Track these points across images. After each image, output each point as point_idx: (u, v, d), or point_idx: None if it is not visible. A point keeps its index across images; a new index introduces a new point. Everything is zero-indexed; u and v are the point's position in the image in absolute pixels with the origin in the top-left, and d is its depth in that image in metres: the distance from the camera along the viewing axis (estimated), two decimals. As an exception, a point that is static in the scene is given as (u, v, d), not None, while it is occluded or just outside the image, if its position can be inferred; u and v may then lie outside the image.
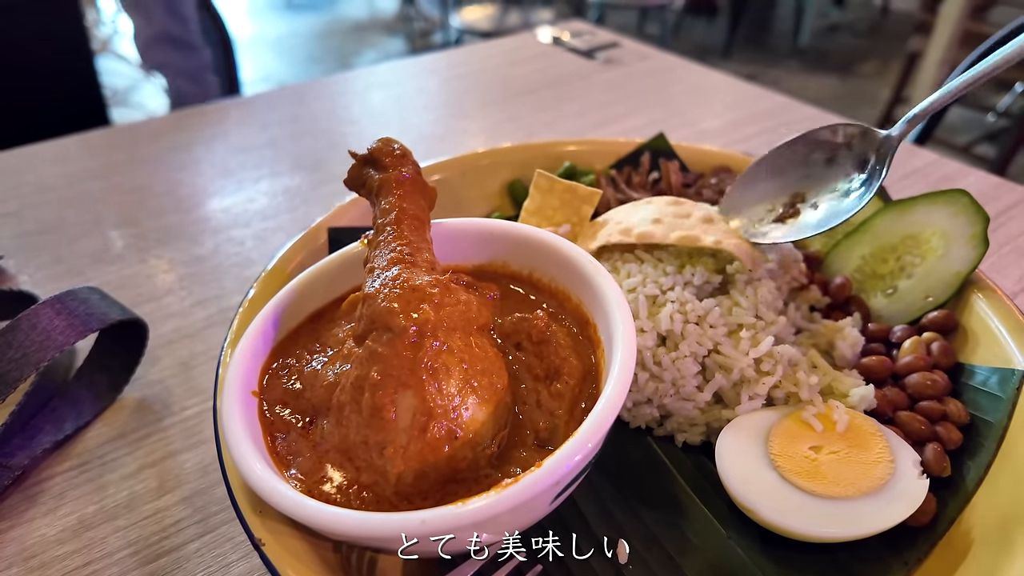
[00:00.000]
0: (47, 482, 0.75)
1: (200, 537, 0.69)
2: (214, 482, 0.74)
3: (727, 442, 0.66)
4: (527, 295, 0.70)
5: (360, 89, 1.76)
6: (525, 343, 0.62)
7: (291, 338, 0.67)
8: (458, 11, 5.20)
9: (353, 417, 0.54)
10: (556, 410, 0.59)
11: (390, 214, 0.65)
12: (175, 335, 0.95)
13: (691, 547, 0.63)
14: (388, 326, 0.54)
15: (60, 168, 1.37)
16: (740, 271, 0.73)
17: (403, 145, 0.68)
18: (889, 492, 0.61)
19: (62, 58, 2.05)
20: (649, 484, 0.68)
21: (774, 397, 0.70)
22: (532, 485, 0.48)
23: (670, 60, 1.84)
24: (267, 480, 0.52)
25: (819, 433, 0.66)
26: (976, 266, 0.76)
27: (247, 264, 1.09)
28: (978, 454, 0.65)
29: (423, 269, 0.60)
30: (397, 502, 0.53)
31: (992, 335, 0.72)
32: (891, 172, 0.92)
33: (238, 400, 0.58)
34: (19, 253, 1.12)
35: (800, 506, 0.61)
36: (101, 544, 0.68)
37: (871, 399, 0.69)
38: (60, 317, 0.74)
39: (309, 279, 0.69)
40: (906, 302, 0.80)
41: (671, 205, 0.79)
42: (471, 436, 0.54)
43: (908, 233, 0.82)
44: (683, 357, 0.70)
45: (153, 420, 0.82)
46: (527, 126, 1.53)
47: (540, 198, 0.78)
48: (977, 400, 0.69)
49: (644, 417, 0.73)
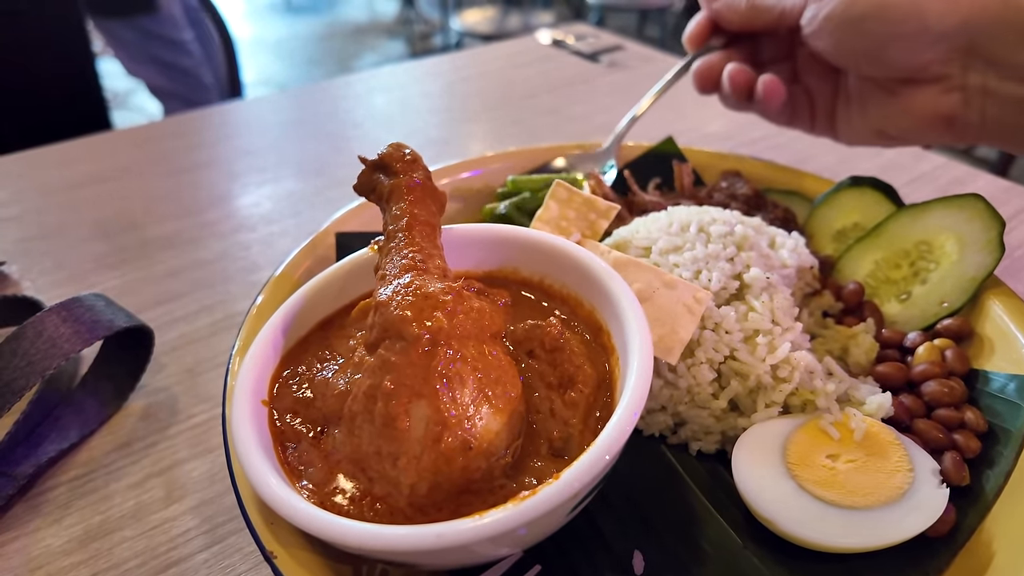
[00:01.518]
0: (52, 492, 0.74)
1: (208, 548, 0.68)
2: (222, 491, 0.73)
3: (743, 451, 0.65)
4: (538, 301, 0.69)
5: (363, 92, 1.75)
6: (538, 351, 0.61)
7: (301, 346, 0.66)
8: (458, 14, 5.20)
9: (365, 427, 0.53)
10: (570, 419, 0.58)
11: (401, 220, 0.64)
12: (181, 341, 0.94)
13: (707, 558, 0.62)
14: (401, 334, 0.53)
15: (63, 172, 1.36)
16: (757, 277, 0.72)
17: (413, 150, 0.68)
18: (908, 502, 0.60)
19: (64, 62, 2.04)
20: (663, 493, 0.67)
21: (791, 405, 0.69)
22: (550, 498, 0.47)
23: (674, 63, 1.83)
24: (280, 492, 0.51)
25: (836, 441, 0.65)
26: (992, 271, 0.76)
27: (253, 269, 1.08)
28: (997, 463, 0.64)
29: (435, 276, 0.59)
30: (411, 514, 0.52)
31: (1009, 341, 0.71)
32: (899, 176, 0.93)
33: (248, 409, 0.57)
34: (21, 258, 1.11)
35: (818, 516, 0.60)
36: (107, 555, 0.67)
37: (888, 407, 0.68)
38: (66, 325, 0.73)
39: (318, 285, 0.69)
40: (921, 308, 0.79)
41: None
42: (486, 446, 0.53)
43: (922, 238, 0.82)
44: (699, 364, 0.69)
45: (159, 428, 0.81)
46: (532, 129, 1.52)
47: (557, 209, 0.76)
48: (995, 407, 0.69)
49: (658, 425, 0.72)
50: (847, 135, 0.94)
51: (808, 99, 0.97)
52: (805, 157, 1.33)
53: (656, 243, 0.77)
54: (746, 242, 0.76)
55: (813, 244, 0.92)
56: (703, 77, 1.00)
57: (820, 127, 0.97)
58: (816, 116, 0.97)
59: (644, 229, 0.80)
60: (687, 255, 0.74)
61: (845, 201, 0.92)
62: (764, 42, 1.01)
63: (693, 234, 0.76)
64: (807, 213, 0.96)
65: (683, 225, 0.78)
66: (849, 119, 0.92)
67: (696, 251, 0.74)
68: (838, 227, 0.92)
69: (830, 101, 0.95)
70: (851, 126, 0.92)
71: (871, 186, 0.90)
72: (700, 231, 0.77)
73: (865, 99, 0.88)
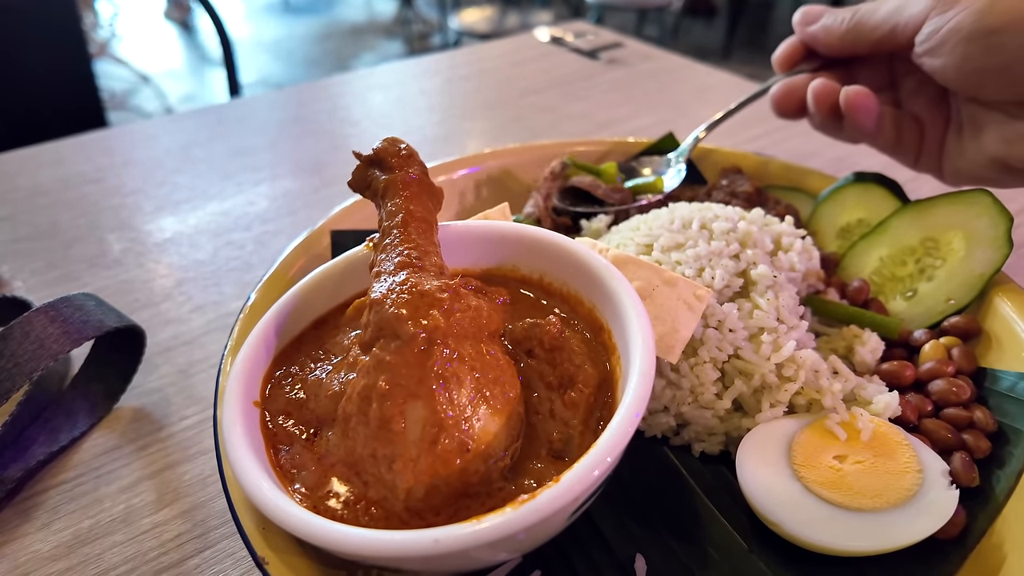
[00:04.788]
0: (40, 495, 0.72)
1: (200, 553, 0.66)
2: (214, 495, 0.72)
3: (748, 452, 0.64)
4: (538, 300, 0.68)
5: (361, 90, 1.74)
6: (537, 350, 0.59)
7: (294, 345, 0.65)
8: (456, 13, 5.19)
9: (360, 429, 0.52)
10: (570, 420, 0.57)
11: (396, 216, 0.62)
12: (173, 342, 0.92)
13: (712, 562, 0.60)
14: (396, 333, 0.52)
15: (55, 171, 1.34)
16: (763, 275, 0.70)
17: (409, 145, 0.66)
18: (917, 504, 0.59)
19: (59, 61, 2.03)
20: (666, 496, 0.66)
21: (796, 405, 0.68)
22: (550, 502, 0.46)
23: (674, 60, 1.82)
24: (271, 497, 0.49)
25: (843, 442, 0.63)
26: (999, 268, 0.74)
27: (247, 268, 1.07)
28: (1007, 463, 0.63)
29: (432, 274, 0.58)
30: (408, 518, 0.51)
31: (1018, 339, 0.70)
32: (903, 171, 0.91)
33: (239, 411, 0.56)
34: (13, 259, 1.09)
35: (825, 518, 0.58)
36: (97, 560, 0.66)
37: (896, 406, 0.66)
38: (54, 324, 0.72)
39: (312, 284, 0.67)
40: (927, 305, 0.78)
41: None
42: (483, 448, 0.51)
43: (928, 235, 0.80)
44: (702, 363, 0.67)
45: (151, 430, 0.80)
46: (531, 127, 1.51)
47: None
48: (1004, 407, 0.67)
49: (660, 426, 0.70)
50: (956, 169, 0.84)
51: (916, 127, 0.88)
52: (807, 153, 1.32)
53: (658, 240, 0.75)
54: (749, 239, 0.74)
55: (817, 241, 0.91)
56: (783, 100, 0.91)
57: (926, 160, 0.88)
58: (924, 147, 0.87)
59: (645, 226, 0.79)
60: (689, 252, 0.72)
61: (849, 197, 0.91)
62: (860, 68, 0.93)
63: (695, 231, 0.75)
64: (810, 210, 0.95)
65: (685, 222, 0.76)
66: (962, 150, 0.82)
67: (699, 248, 0.72)
68: (842, 224, 0.90)
69: (940, 130, 0.86)
70: (964, 158, 0.82)
71: (875, 182, 0.89)
72: (703, 228, 0.75)
73: (981, 126, 0.79)
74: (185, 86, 5.48)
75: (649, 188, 0.97)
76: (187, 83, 5.54)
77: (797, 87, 0.91)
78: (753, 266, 0.72)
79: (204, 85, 5.49)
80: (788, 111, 0.93)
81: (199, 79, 5.61)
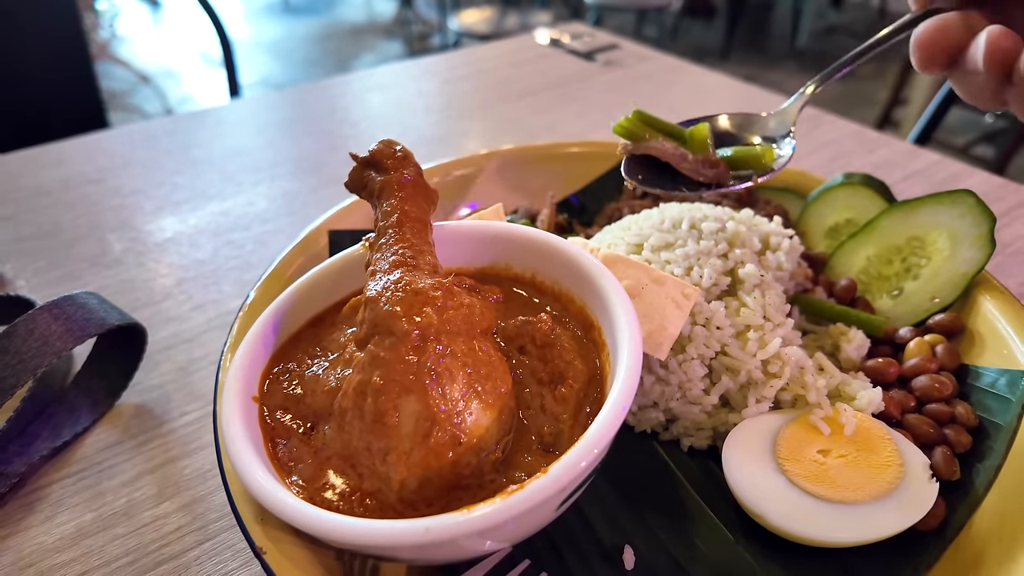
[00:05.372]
0: (44, 489, 0.74)
1: (200, 545, 0.68)
2: (214, 488, 0.73)
3: (734, 446, 0.65)
4: (530, 298, 0.69)
5: (359, 91, 1.75)
6: (529, 347, 0.61)
7: (292, 342, 0.66)
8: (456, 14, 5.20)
9: (355, 423, 0.53)
10: (561, 414, 0.58)
11: (392, 216, 0.64)
12: (174, 340, 0.94)
13: (698, 553, 0.62)
14: (391, 330, 0.53)
15: (57, 172, 1.36)
16: (751, 274, 0.72)
17: (405, 147, 0.68)
18: (898, 496, 0.61)
19: (60, 63, 2.04)
20: (655, 489, 0.67)
21: (781, 400, 0.70)
22: (538, 492, 0.47)
23: (670, 62, 1.84)
24: (269, 488, 0.51)
25: (827, 437, 0.65)
26: (983, 267, 0.76)
27: (246, 268, 1.08)
28: (987, 457, 0.64)
29: (425, 272, 0.59)
30: (401, 509, 0.52)
31: (1000, 336, 0.71)
32: (893, 173, 0.92)
33: (238, 406, 0.57)
34: (16, 258, 1.11)
35: (809, 511, 0.60)
36: (99, 552, 0.67)
37: (879, 402, 0.68)
38: (58, 322, 0.73)
39: (310, 283, 0.69)
40: (912, 303, 0.79)
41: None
42: (475, 442, 0.53)
43: (914, 234, 0.82)
44: (690, 360, 0.69)
45: (152, 426, 0.81)
46: (528, 128, 1.52)
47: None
48: (985, 402, 0.69)
49: (650, 421, 0.72)
50: None
51: None
52: (797, 155, 1.33)
53: (648, 239, 0.77)
54: (738, 239, 0.76)
55: (806, 241, 0.92)
56: (930, 45, 0.64)
57: None
58: None
59: (636, 226, 0.80)
60: (679, 252, 0.74)
61: (838, 198, 0.92)
62: (1015, 9, 0.64)
63: (685, 231, 0.76)
64: (799, 210, 0.96)
65: (675, 222, 0.78)
66: None
67: (688, 248, 0.74)
68: (830, 224, 0.92)
69: None
70: None
71: (864, 183, 0.90)
72: (692, 228, 0.77)
73: None
74: (185, 86, 5.49)
75: (752, 161, 0.75)
76: (187, 83, 5.55)
77: (951, 28, 0.63)
78: (741, 265, 0.73)
79: (204, 86, 5.50)
80: (935, 61, 0.65)
81: (199, 80, 5.62)
